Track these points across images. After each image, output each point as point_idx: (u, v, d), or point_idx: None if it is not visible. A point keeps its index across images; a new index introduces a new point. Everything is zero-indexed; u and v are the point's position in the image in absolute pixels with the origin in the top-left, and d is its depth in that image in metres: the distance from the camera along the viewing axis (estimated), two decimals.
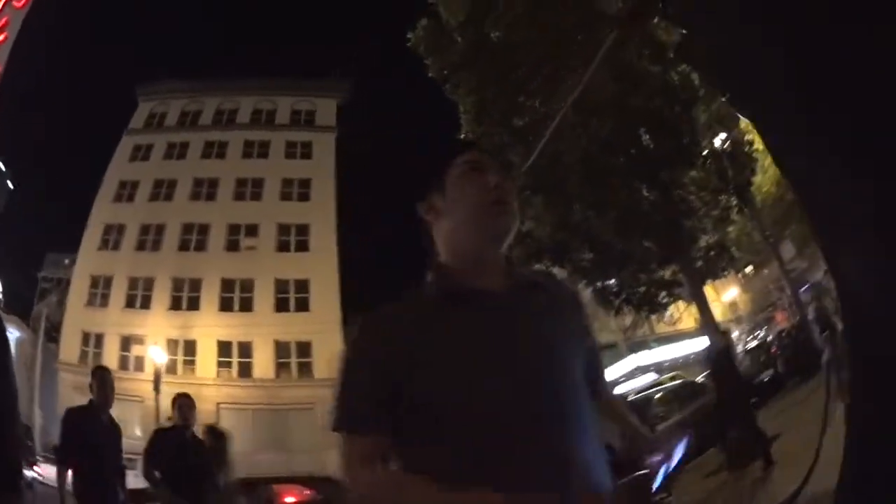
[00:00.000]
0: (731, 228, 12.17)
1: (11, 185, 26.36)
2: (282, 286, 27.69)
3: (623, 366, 26.16)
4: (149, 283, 27.68)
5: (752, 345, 20.33)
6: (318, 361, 25.07)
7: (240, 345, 26.50)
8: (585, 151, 9.24)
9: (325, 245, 28.67)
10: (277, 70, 40.75)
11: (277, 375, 26.18)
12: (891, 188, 0.91)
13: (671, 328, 26.09)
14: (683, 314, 20.04)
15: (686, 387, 12.91)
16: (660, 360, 25.96)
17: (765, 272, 29.72)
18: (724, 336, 8.18)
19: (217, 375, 25.47)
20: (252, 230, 29.03)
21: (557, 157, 9.07)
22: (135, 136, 31.93)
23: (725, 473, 7.38)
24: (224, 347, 26.41)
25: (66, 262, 33.07)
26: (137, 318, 26.66)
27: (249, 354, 26.39)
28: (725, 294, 30.88)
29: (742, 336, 30.19)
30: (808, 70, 0.98)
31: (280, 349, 26.49)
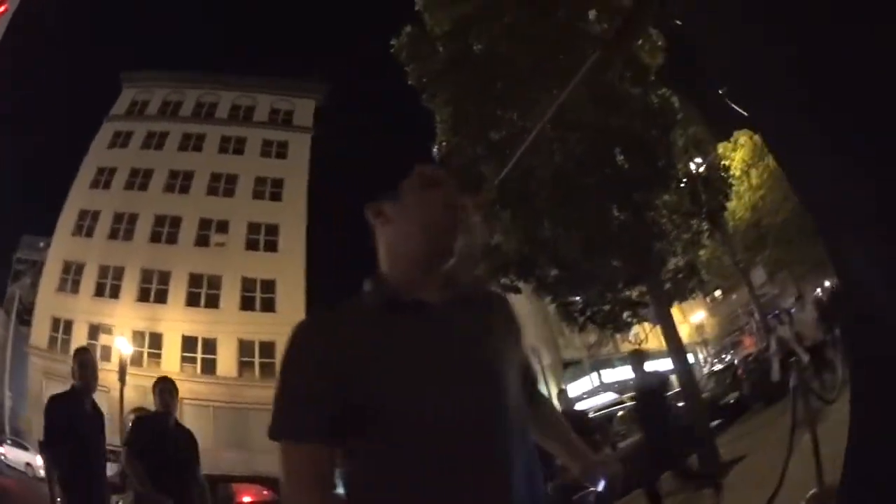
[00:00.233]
0: (702, 252, 12.30)
1: None
2: (248, 284, 27.54)
3: (586, 383, 26.38)
4: (118, 273, 27.43)
5: (718, 367, 20.60)
6: None
7: (204, 341, 26.29)
8: (559, 168, 9.28)
9: (294, 247, 28.64)
10: (261, 68, 40.61)
11: (240, 374, 25.99)
12: (893, 188, 0.92)
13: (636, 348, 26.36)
14: (650, 334, 20.24)
15: None
16: (624, 379, 26.25)
17: (733, 297, 30.20)
18: (658, 376, 7.56)
19: (181, 370, 25.09)
20: (223, 226, 28.87)
21: (530, 171, 9.08)
22: (116, 123, 31.62)
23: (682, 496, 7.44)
24: (189, 342, 26.19)
25: (42, 245, 32.65)
26: (106, 308, 26.38)
27: (214, 351, 26.19)
28: (693, 316, 31.32)
29: (708, 359, 30.65)
30: (810, 69, 0.99)
31: (244, 348, 26.31)
